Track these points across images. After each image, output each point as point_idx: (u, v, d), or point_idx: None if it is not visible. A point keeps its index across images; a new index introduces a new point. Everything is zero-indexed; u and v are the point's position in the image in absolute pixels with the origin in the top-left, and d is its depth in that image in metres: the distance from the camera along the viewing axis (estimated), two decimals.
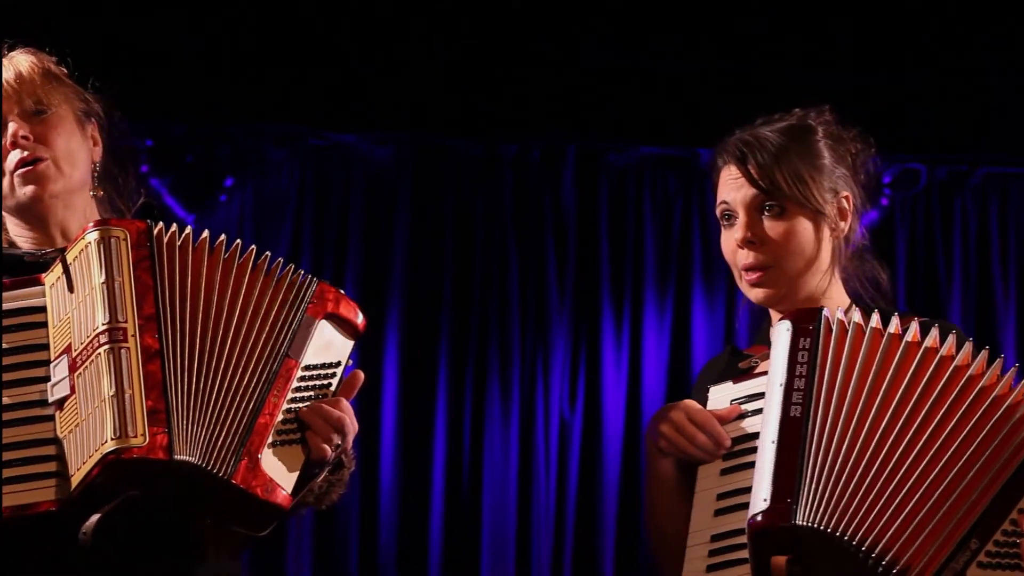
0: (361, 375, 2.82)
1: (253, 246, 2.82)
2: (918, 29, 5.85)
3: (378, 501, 6.04)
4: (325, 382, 2.79)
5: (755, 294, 3.01)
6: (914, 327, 2.82)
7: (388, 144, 6.18)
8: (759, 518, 2.70)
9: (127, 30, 5.44)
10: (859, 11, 5.83)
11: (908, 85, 5.94)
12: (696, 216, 6.18)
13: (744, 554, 2.76)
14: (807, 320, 2.86)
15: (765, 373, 2.90)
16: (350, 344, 2.82)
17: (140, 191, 3.08)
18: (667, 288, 6.24)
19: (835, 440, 2.75)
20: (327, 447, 2.72)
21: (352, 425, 2.77)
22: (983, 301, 6.32)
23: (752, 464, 2.81)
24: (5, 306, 2.76)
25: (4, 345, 2.74)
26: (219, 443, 2.65)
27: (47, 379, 2.72)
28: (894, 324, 2.83)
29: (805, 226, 3.01)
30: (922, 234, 6.36)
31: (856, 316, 2.85)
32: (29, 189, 2.90)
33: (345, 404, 2.77)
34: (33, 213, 2.92)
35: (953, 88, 5.98)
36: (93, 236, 2.75)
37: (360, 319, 2.83)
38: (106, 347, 2.67)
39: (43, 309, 2.76)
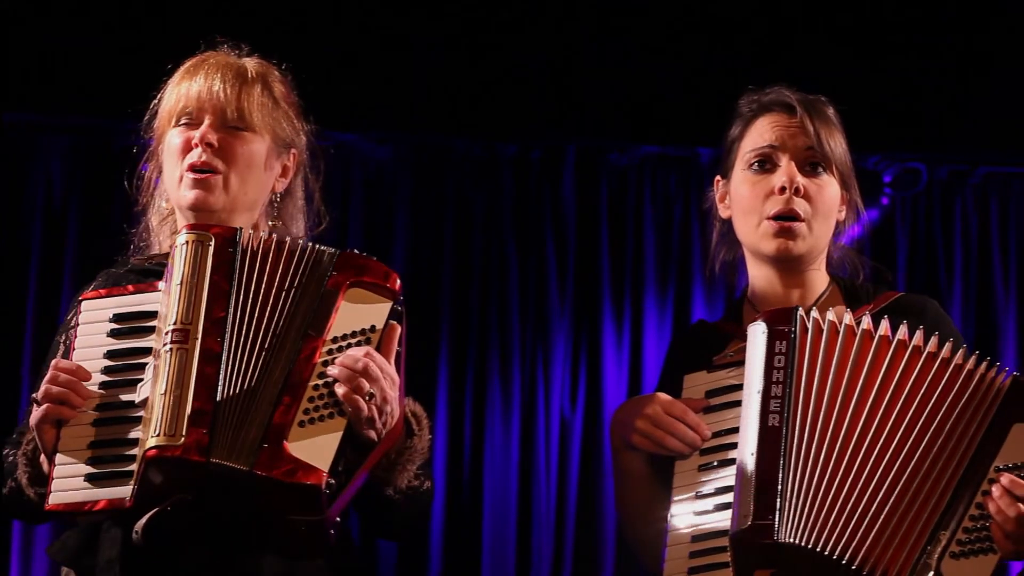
0: (397, 328, 2.78)
1: (311, 243, 2.84)
2: (918, 28, 5.85)
3: None
4: (363, 349, 2.75)
5: (777, 244, 2.98)
6: (884, 324, 2.83)
7: (387, 143, 6.18)
8: (742, 536, 2.72)
9: (128, 30, 5.44)
10: (859, 10, 5.83)
11: (909, 84, 5.94)
12: (697, 216, 6.18)
13: (726, 557, 2.77)
14: (782, 322, 2.84)
15: (741, 363, 2.89)
16: (385, 306, 2.79)
17: (320, 224, 3.14)
18: (667, 287, 6.24)
19: (813, 448, 2.75)
20: (358, 398, 2.68)
21: (385, 373, 2.71)
22: (983, 300, 6.32)
23: (729, 461, 2.82)
24: (124, 310, 2.83)
25: (118, 346, 2.80)
26: (243, 437, 2.66)
27: None
28: (865, 321, 2.84)
29: (836, 193, 3.03)
30: (923, 233, 6.36)
31: (830, 315, 2.85)
32: (192, 194, 2.96)
33: (374, 353, 2.72)
34: (189, 216, 2.98)
35: (954, 87, 5.98)
36: (182, 239, 2.81)
37: (391, 280, 2.81)
38: (167, 347, 2.72)
39: (154, 314, 2.81)
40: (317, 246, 2.83)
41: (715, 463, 2.86)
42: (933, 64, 5.92)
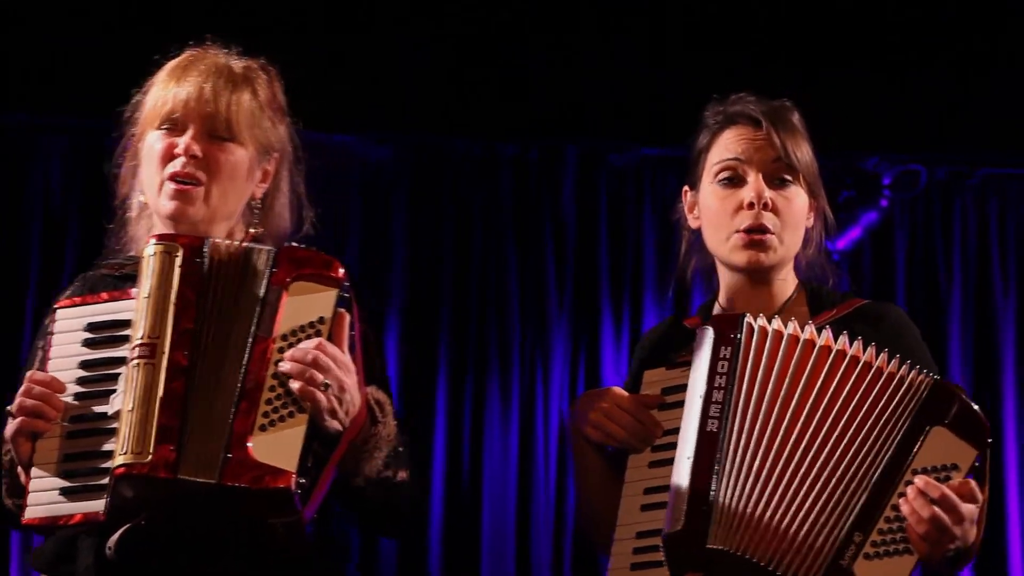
0: (346, 316, 2.76)
1: (249, 245, 2.82)
2: (917, 29, 5.86)
3: None
4: (313, 342, 2.74)
5: (748, 256, 2.99)
6: (826, 334, 2.86)
7: (387, 144, 6.18)
8: (674, 539, 2.76)
9: (127, 31, 5.45)
10: (859, 12, 5.83)
11: (908, 86, 5.94)
12: None
13: None
14: (730, 328, 2.87)
15: None
16: (331, 295, 2.75)
17: (303, 227, 3.08)
18: (667, 288, 6.24)
19: (748, 455, 2.80)
20: (314, 390, 2.67)
21: (338, 361, 2.70)
22: (982, 302, 6.32)
23: None
24: (98, 319, 2.81)
25: (93, 356, 2.78)
26: (207, 449, 2.65)
27: None
28: (808, 330, 2.87)
29: (804, 203, 3.05)
30: (922, 235, 6.37)
31: (775, 323, 2.88)
32: (172, 205, 2.92)
33: (324, 343, 2.71)
34: (168, 224, 2.94)
35: (953, 89, 5.98)
36: (150, 250, 2.79)
37: (333, 268, 2.77)
38: (135, 362, 2.71)
39: (128, 323, 2.79)
40: (253, 246, 2.81)
41: (666, 460, 2.87)
42: (932, 66, 5.92)
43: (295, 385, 2.68)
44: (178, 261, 2.76)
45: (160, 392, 2.67)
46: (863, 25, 5.86)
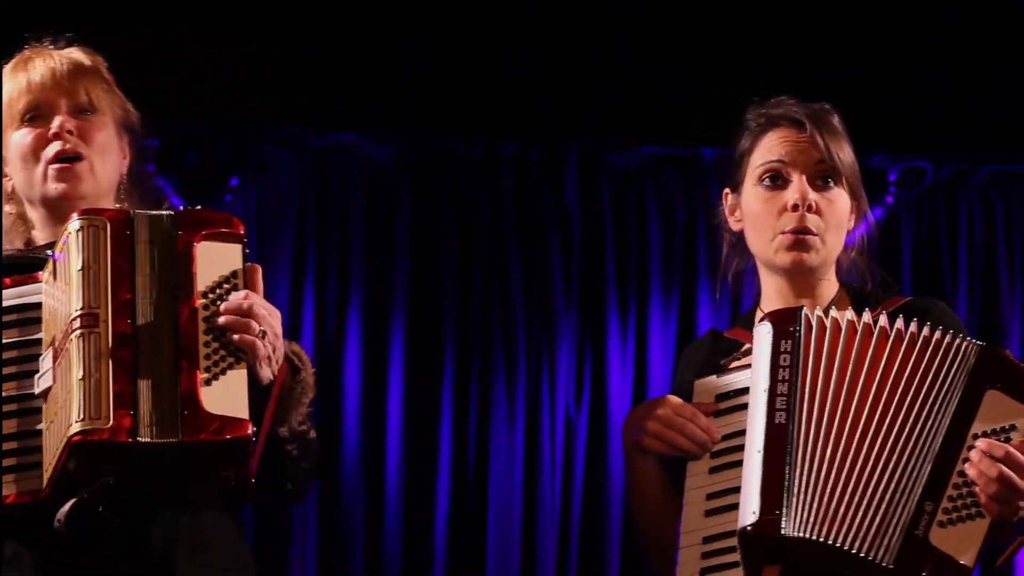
0: (258, 268, 2.82)
1: (150, 212, 2.83)
2: (922, 27, 5.85)
3: (383, 499, 6.05)
4: (240, 293, 2.78)
5: (792, 257, 3.02)
6: (883, 319, 2.88)
7: (389, 144, 6.17)
8: (749, 530, 2.77)
9: (129, 31, 5.43)
10: (859, 12, 5.83)
11: (909, 86, 5.94)
12: (700, 215, 6.18)
13: (737, 556, 2.82)
14: (787, 321, 2.90)
15: (750, 367, 2.94)
16: (237, 248, 2.80)
17: (160, 206, 3.10)
18: (672, 286, 6.24)
19: (819, 443, 2.82)
20: (252, 338, 2.72)
21: (265, 308, 2.75)
22: (988, 299, 6.32)
23: (739, 463, 2.87)
24: (7, 303, 2.80)
25: (6, 341, 2.78)
26: (162, 411, 2.66)
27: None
28: (866, 315, 2.89)
29: (847, 205, 3.06)
30: (927, 232, 6.36)
31: (833, 311, 2.90)
32: (60, 187, 2.95)
33: (251, 293, 2.76)
34: (58, 211, 2.96)
35: (958, 86, 5.98)
36: (74, 225, 2.78)
37: (234, 225, 2.81)
38: (77, 332, 2.70)
39: (40, 305, 2.80)
40: (157, 212, 2.82)
41: (726, 465, 2.91)
42: (932, 66, 5.92)
43: (236, 336, 2.72)
44: (107, 233, 2.76)
45: (110, 359, 2.68)
46: (863, 25, 5.85)
